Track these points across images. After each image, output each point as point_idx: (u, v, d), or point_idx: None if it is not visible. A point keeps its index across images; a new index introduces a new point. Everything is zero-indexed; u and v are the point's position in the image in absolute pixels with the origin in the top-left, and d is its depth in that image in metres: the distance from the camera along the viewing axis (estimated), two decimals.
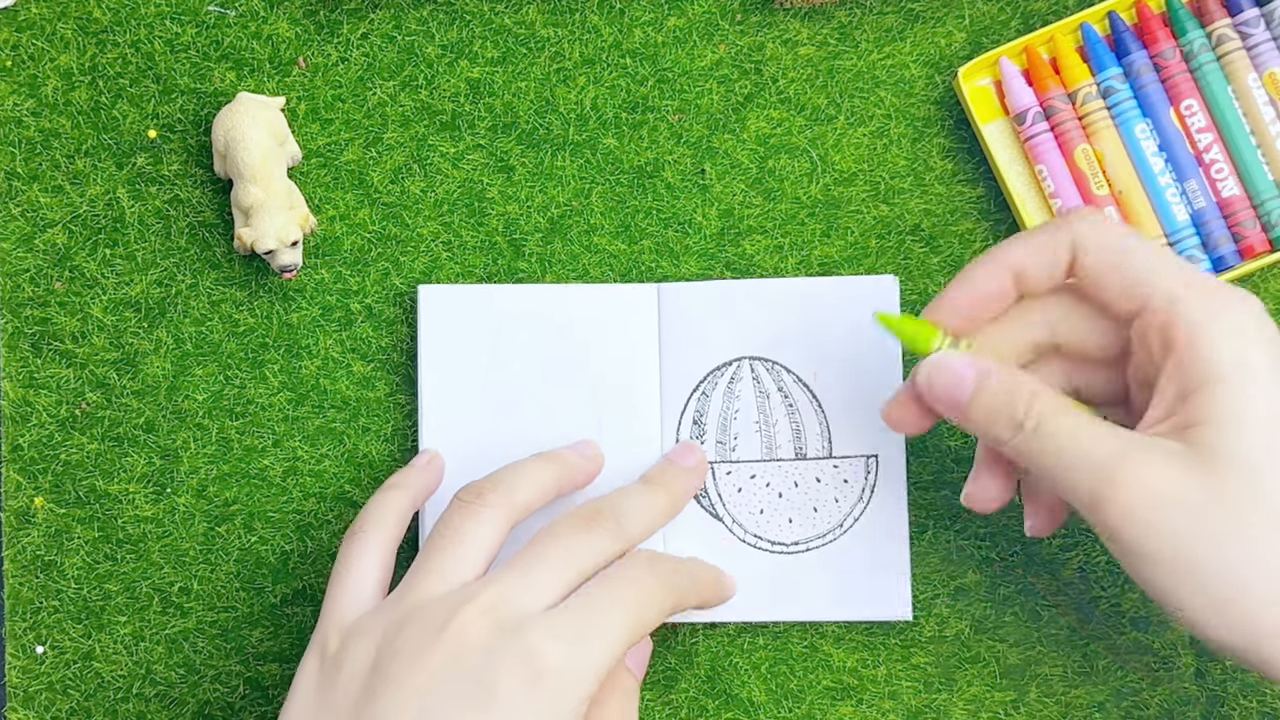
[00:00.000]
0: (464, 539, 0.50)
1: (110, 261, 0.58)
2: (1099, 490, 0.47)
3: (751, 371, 0.58)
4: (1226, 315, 0.48)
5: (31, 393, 0.58)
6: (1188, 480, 0.47)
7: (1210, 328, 0.47)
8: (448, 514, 0.52)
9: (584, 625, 0.48)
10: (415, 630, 0.48)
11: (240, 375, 0.58)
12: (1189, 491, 0.46)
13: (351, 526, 0.53)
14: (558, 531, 0.51)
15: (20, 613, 0.57)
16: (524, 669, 0.46)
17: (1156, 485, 0.47)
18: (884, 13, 0.60)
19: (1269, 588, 0.46)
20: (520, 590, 0.49)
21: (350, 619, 0.50)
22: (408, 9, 0.59)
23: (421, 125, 0.59)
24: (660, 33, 0.59)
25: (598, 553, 0.51)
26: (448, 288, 0.58)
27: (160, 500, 0.58)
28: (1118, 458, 0.47)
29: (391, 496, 0.54)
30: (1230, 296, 0.48)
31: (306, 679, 0.49)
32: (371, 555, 0.52)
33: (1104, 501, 0.47)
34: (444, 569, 0.50)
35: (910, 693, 0.57)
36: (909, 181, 0.59)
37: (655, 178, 0.59)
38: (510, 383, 0.57)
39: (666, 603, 0.51)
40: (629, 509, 0.53)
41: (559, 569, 0.49)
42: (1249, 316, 0.48)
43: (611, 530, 0.51)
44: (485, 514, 0.51)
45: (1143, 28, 0.58)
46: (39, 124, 0.59)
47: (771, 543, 0.57)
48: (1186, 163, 0.57)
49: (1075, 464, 0.48)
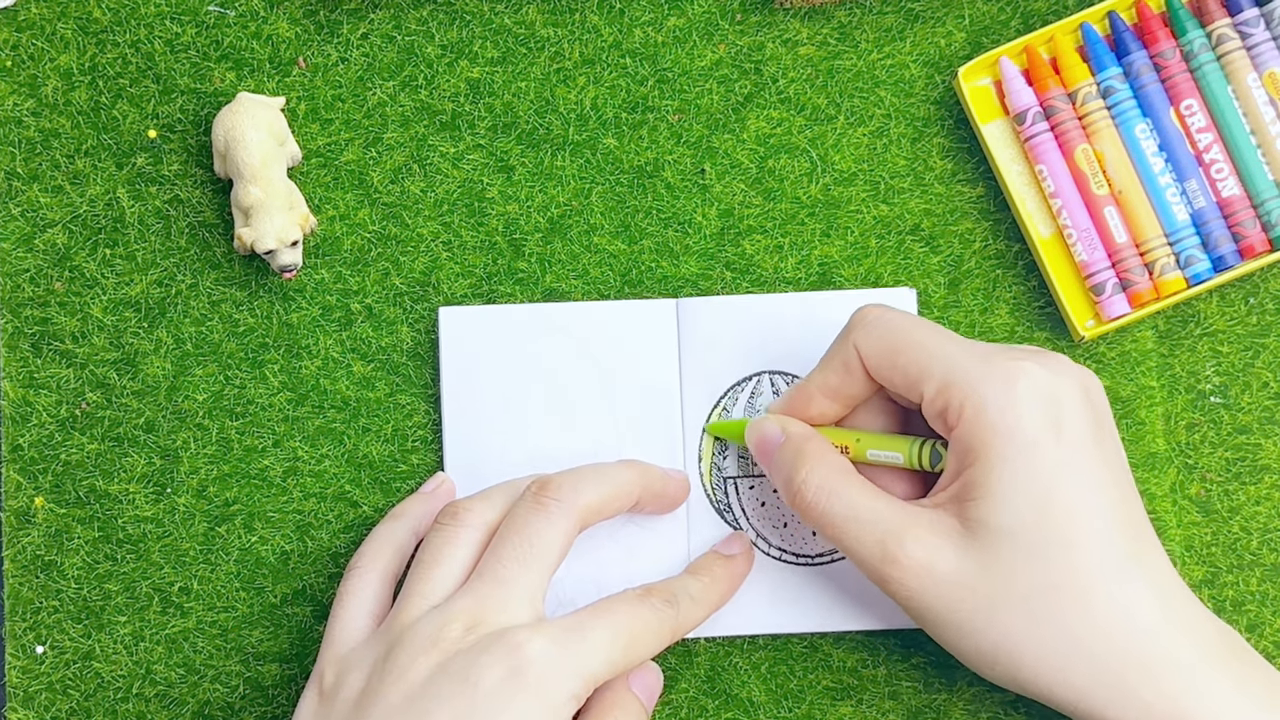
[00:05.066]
0: (443, 559, 0.52)
1: (110, 261, 0.58)
2: (881, 568, 0.50)
3: (772, 385, 0.58)
4: (998, 387, 0.48)
5: (31, 393, 0.58)
6: (956, 554, 0.49)
7: (980, 405, 0.48)
8: (429, 537, 0.53)
9: (569, 632, 0.49)
10: (403, 650, 0.49)
11: (240, 375, 0.58)
12: (957, 564, 0.49)
13: (351, 560, 0.54)
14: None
15: (20, 613, 0.57)
16: (506, 662, 0.48)
17: (927, 560, 0.49)
18: (884, 13, 0.59)
19: (1035, 647, 0.48)
20: (503, 600, 0.50)
21: (345, 650, 0.51)
22: (408, 9, 0.59)
23: (421, 125, 0.59)
24: (660, 33, 0.59)
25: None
26: (467, 309, 0.58)
27: (160, 500, 0.58)
28: (895, 535, 0.49)
29: (392, 528, 0.55)
30: (1006, 371, 0.49)
31: (305, 712, 0.51)
32: (369, 588, 0.53)
33: (886, 579, 0.50)
34: (425, 591, 0.51)
35: (910, 693, 0.57)
36: (909, 181, 0.59)
37: (655, 178, 0.59)
38: (531, 401, 0.57)
39: (663, 630, 0.52)
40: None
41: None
42: (1029, 387, 0.48)
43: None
44: (461, 535, 0.52)
45: (1143, 27, 0.58)
46: (39, 124, 0.59)
47: (796, 555, 0.57)
48: (1186, 163, 0.57)
49: (858, 538, 0.50)
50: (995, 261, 0.59)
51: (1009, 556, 0.48)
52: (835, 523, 0.50)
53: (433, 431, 0.58)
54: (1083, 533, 0.48)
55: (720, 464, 0.57)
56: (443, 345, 0.57)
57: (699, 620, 0.54)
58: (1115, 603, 0.47)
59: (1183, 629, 0.48)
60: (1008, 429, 0.48)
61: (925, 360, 0.50)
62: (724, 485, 0.57)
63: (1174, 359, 0.58)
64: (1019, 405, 0.48)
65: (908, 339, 0.50)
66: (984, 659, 0.49)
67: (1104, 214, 0.57)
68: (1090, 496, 0.48)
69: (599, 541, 0.57)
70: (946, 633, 0.49)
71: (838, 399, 0.53)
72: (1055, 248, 0.58)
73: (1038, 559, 0.48)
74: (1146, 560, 0.48)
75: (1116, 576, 0.48)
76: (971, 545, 0.48)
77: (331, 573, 0.58)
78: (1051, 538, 0.47)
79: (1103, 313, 0.57)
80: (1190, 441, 0.58)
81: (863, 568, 0.50)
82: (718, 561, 0.56)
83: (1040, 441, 0.48)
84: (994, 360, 0.49)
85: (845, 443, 0.53)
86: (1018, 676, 0.49)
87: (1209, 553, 0.58)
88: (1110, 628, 0.47)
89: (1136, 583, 0.48)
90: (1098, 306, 0.57)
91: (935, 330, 0.51)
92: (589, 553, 0.56)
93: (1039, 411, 0.48)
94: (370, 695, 0.49)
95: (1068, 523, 0.47)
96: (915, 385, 0.50)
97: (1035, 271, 0.59)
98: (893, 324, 0.51)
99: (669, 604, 0.52)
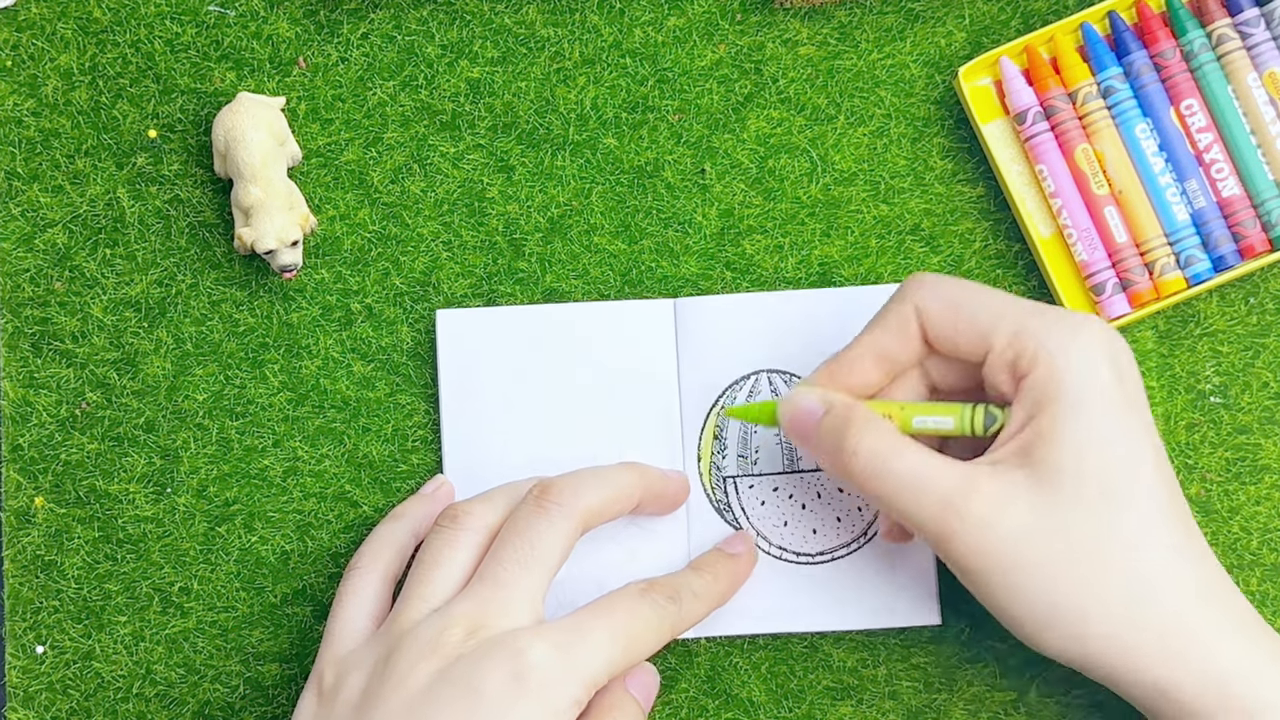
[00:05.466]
0: (443, 562, 0.52)
1: (110, 261, 0.58)
2: (942, 528, 0.49)
3: (770, 384, 0.57)
4: (1068, 339, 0.48)
5: (31, 393, 0.58)
6: (1019, 504, 0.48)
7: (1052, 351, 0.48)
8: (429, 539, 0.53)
9: (570, 635, 0.49)
10: (403, 654, 0.49)
11: (240, 375, 0.58)
12: (1024, 517, 0.48)
13: (351, 560, 0.54)
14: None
15: (20, 613, 0.57)
16: (509, 668, 0.47)
17: (992, 517, 0.48)
18: (884, 13, 0.59)
19: (1094, 605, 0.48)
20: (504, 604, 0.50)
21: (344, 651, 0.51)
22: (408, 9, 0.59)
23: (421, 125, 0.59)
24: (660, 33, 0.59)
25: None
26: (465, 311, 0.58)
27: (160, 500, 0.58)
28: (960, 492, 0.48)
29: (391, 529, 0.55)
30: (1072, 320, 0.49)
31: (305, 712, 0.51)
32: (368, 589, 0.53)
33: (948, 538, 0.49)
34: (425, 594, 0.51)
35: (910, 693, 0.57)
36: (909, 181, 0.59)
37: (655, 178, 0.59)
38: (530, 403, 0.57)
39: (663, 627, 0.52)
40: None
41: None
42: (1092, 337, 0.49)
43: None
44: (462, 537, 0.52)
45: (1143, 27, 0.58)
46: (39, 124, 0.59)
47: (796, 554, 0.57)
48: (1187, 162, 0.57)
49: (917, 501, 0.49)
50: (995, 261, 0.59)
51: (1073, 503, 0.48)
52: (893, 488, 0.49)
53: (432, 431, 0.58)
54: (1136, 483, 0.48)
55: (719, 463, 0.57)
56: (440, 348, 0.57)
57: (700, 617, 0.54)
58: (1161, 559, 0.48)
59: (1221, 591, 0.49)
60: (1081, 376, 0.48)
61: (994, 312, 0.50)
62: (723, 484, 0.57)
63: (1174, 359, 0.58)
64: (1090, 354, 0.48)
65: (972, 295, 0.50)
66: (1039, 622, 0.48)
67: (1104, 214, 0.57)
68: (1147, 450, 0.48)
69: (599, 544, 0.57)
70: (1003, 595, 0.48)
71: (884, 363, 0.52)
72: (1055, 248, 0.58)
73: (1099, 505, 0.48)
74: (1185, 519, 0.49)
75: (1162, 531, 0.48)
76: (1040, 495, 0.48)
77: (331, 573, 0.58)
78: (1109, 483, 0.48)
79: (1103, 313, 0.57)
80: (1190, 441, 0.58)
81: (923, 531, 0.49)
82: (721, 559, 0.56)
83: (1109, 390, 0.48)
84: (1057, 313, 0.49)
85: (889, 412, 0.52)
86: (1074, 636, 0.48)
87: None
88: (1157, 583, 0.48)
89: (1179, 539, 0.48)
90: (1098, 306, 0.57)
91: (993, 290, 0.51)
92: (590, 555, 0.56)
93: (1105, 364, 0.48)
94: (371, 699, 0.49)
95: (1123, 470, 0.48)
96: (984, 338, 0.50)
97: (1035, 271, 0.59)
98: (952, 283, 0.51)
99: (671, 600, 0.52)
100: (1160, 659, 0.47)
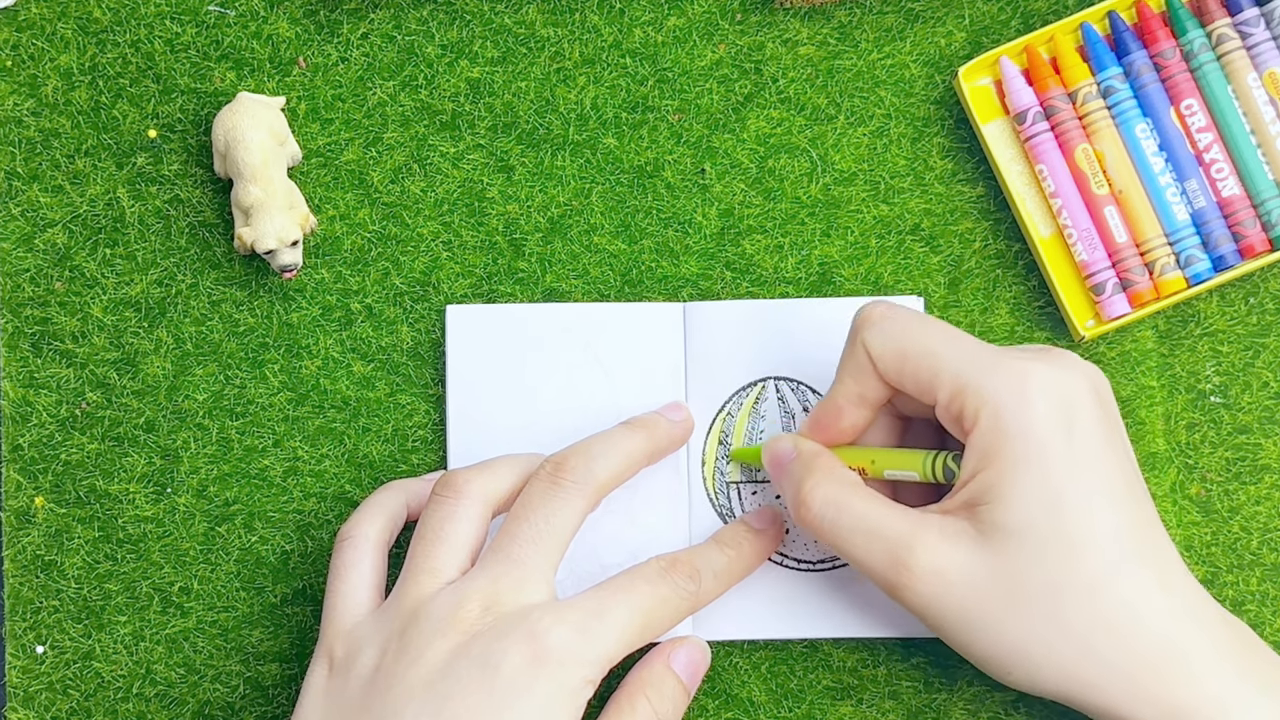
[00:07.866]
0: (446, 535, 0.51)
1: (110, 261, 0.58)
2: (892, 578, 0.49)
3: (777, 391, 0.57)
4: (1013, 391, 0.48)
5: (31, 393, 0.58)
6: (965, 556, 0.48)
7: (996, 407, 0.48)
8: (429, 509, 0.52)
9: (590, 616, 0.49)
10: (419, 629, 0.49)
11: (240, 375, 0.58)
12: (970, 567, 0.48)
13: (343, 529, 0.54)
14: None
15: (20, 613, 0.57)
16: (528, 649, 0.47)
17: (939, 566, 0.48)
18: (884, 13, 0.60)
19: (1049, 648, 0.48)
20: (519, 581, 0.50)
21: (351, 624, 0.51)
22: (408, 9, 0.59)
23: (421, 125, 0.59)
24: (660, 33, 0.59)
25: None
26: (475, 307, 0.58)
27: (160, 500, 0.58)
28: (905, 543, 0.49)
29: (384, 496, 0.55)
30: (1017, 369, 0.49)
31: (315, 687, 0.50)
32: (366, 559, 0.53)
33: (898, 588, 0.49)
34: (433, 567, 0.50)
35: (910, 693, 0.57)
36: (909, 181, 0.59)
37: (655, 178, 0.59)
38: (537, 401, 0.57)
39: (682, 607, 0.52)
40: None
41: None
42: (1041, 385, 0.48)
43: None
44: (462, 509, 0.52)
45: (1143, 27, 0.58)
46: (39, 124, 0.59)
47: (798, 561, 0.57)
48: (1186, 162, 0.57)
49: (867, 549, 0.50)
50: (995, 261, 0.59)
51: (1021, 557, 0.48)
52: (843, 534, 0.50)
53: (433, 431, 0.58)
54: (1093, 532, 0.48)
55: (724, 469, 0.57)
56: (449, 343, 0.57)
57: (718, 595, 0.54)
58: (1124, 600, 0.47)
59: (1192, 624, 0.48)
60: (1021, 432, 0.48)
61: (935, 365, 0.49)
62: (727, 490, 0.57)
63: (1174, 359, 0.58)
64: (1031, 408, 0.48)
65: (915, 343, 0.50)
66: (1000, 663, 0.49)
67: (1104, 214, 0.57)
68: (1101, 496, 0.48)
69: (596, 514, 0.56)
70: (962, 638, 0.49)
71: (861, 404, 0.52)
72: (1055, 247, 0.58)
73: (1049, 558, 0.47)
74: (1156, 557, 0.48)
75: (1126, 573, 0.48)
76: (984, 548, 0.48)
77: None
78: (1063, 537, 0.47)
79: (1103, 312, 0.57)
80: (1190, 441, 0.58)
81: (874, 578, 0.50)
82: (747, 536, 0.55)
83: (1052, 443, 0.48)
84: (1004, 362, 0.49)
85: (862, 464, 0.53)
86: (1035, 678, 0.49)
87: (1209, 553, 0.58)
88: (1120, 625, 0.47)
89: (1146, 580, 0.48)
90: (1098, 306, 0.57)
91: (942, 331, 0.50)
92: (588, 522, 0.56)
93: (1051, 413, 0.48)
94: (387, 675, 0.48)
95: (1078, 522, 0.47)
96: (928, 390, 0.50)
97: (1035, 271, 0.59)
98: (899, 325, 0.51)
99: (691, 579, 0.52)
100: (1126, 697, 0.47)
